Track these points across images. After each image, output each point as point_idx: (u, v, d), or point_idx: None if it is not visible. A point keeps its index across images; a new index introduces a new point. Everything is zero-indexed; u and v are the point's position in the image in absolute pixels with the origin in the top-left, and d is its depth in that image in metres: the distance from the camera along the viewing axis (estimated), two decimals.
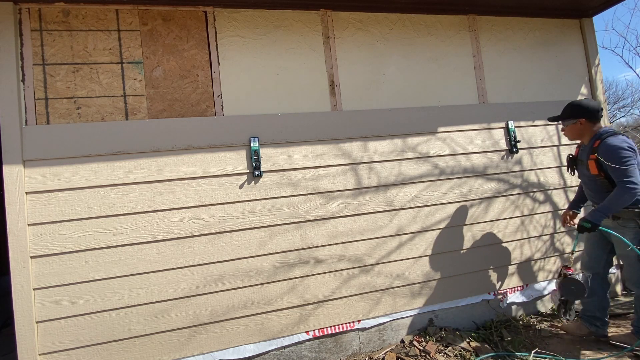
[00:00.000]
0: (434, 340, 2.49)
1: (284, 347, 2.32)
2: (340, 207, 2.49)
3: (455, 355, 2.34)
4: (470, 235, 2.76)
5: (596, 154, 2.14)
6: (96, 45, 2.20)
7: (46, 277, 1.99)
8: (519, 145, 2.93)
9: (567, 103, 2.31)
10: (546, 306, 2.99)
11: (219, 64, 2.38)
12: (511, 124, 2.92)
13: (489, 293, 2.79)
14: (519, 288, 2.88)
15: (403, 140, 2.66)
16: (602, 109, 2.30)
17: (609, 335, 2.42)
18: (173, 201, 2.19)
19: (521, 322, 2.75)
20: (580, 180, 2.44)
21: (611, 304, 2.97)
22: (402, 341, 2.54)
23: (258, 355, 2.27)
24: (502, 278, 2.84)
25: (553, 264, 2.99)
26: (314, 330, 2.38)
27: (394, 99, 2.72)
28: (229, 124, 2.33)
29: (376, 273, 2.52)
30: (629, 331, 2.35)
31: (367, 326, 2.49)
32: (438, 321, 2.66)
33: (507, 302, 2.84)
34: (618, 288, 3.21)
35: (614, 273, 3.20)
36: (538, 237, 2.95)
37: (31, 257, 1.97)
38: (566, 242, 3.04)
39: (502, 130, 2.92)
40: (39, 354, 1.95)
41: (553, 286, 2.97)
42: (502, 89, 3.01)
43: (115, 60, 2.22)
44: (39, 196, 2.01)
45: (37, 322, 1.96)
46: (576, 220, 2.50)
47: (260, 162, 2.33)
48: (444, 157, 2.75)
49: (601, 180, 2.18)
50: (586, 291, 2.19)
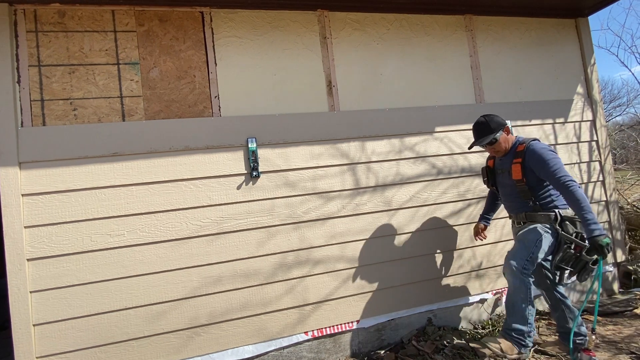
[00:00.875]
0: (433, 340, 2.49)
1: (283, 348, 2.32)
2: (338, 208, 2.49)
3: (453, 354, 2.34)
4: (468, 234, 2.77)
5: (521, 158, 2.05)
6: (92, 46, 2.19)
7: (43, 280, 1.97)
8: None
9: (477, 123, 2.21)
10: (544, 305, 2.99)
11: (216, 65, 2.37)
12: (508, 124, 2.92)
13: (487, 292, 2.80)
14: None
15: (400, 140, 2.67)
16: None
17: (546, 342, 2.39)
18: (170, 202, 2.18)
19: None
20: (489, 191, 2.37)
21: (608, 302, 2.99)
22: (401, 341, 2.54)
23: (257, 356, 2.26)
24: (500, 277, 2.84)
25: None
26: (313, 330, 2.37)
27: (391, 99, 2.72)
28: (227, 125, 2.32)
29: (375, 273, 2.52)
30: (557, 338, 2.29)
31: (366, 326, 2.49)
32: (437, 321, 2.67)
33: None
34: (615, 286, 3.23)
35: (611, 271, 3.22)
36: None
37: (27, 260, 1.96)
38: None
39: None
40: (36, 357, 1.94)
41: None
42: (499, 89, 3.02)
43: (111, 61, 2.21)
44: (35, 198, 1.99)
45: (34, 325, 1.95)
46: (487, 233, 2.50)
47: (257, 163, 2.33)
48: (442, 157, 2.76)
49: (522, 186, 2.06)
50: None
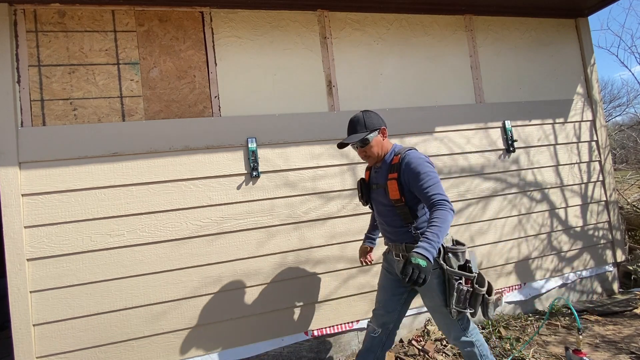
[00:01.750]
0: (433, 339, 2.49)
1: (283, 348, 2.32)
2: (338, 208, 2.49)
3: (454, 354, 2.34)
4: (467, 234, 2.77)
5: (397, 173, 1.62)
6: (92, 46, 2.18)
7: (43, 280, 1.97)
8: (516, 144, 2.94)
9: (352, 118, 1.75)
10: (544, 305, 3.00)
11: (216, 65, 2.37)
12: (508, 124, 2.93)
13: None
14: (517, 287, 2.89)
15: (401, 140, 2.67)
16: None
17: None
18: (170, 202, 2.18)
19: (519, 321, 2.76)
20: (372, 210, 1.91)
21: (608, 302, 2.99)
22: (401, 341, 2.54)
23: (257, 355, 2.26)
24: (500, 277, 2.85)
25: (550, 263, 3.00)
26: (313, 330, 2.37)
27: (391, 99, 2.72)
28: (227, 125, 2.32)
29: (375, 273, 2.52)
30: None
31: (366, 326, 2.49)
32: None
33: (505, 301, 2.85)
34: (615, 285, 3.23)
35: (611, 271, 3.22)
36: (535, 236, 2.97)
37: (27, 260, 1.96)
38: (563, 241, 3.05)
39: (499, 129, 2.93)
40: (36, 357, 1.93)
41: (552, 284, 2.99)
42: (499, 89, 3.02)
43: (111, 61, 2.21)
44: (35, 198, 1.99)
45: (34, 325, 1.95)
46: (373, 256, 2.06)
47: (257, 163, 2.33)
48: (442, 157, 2.76)
49: (401, 207, 1.63)
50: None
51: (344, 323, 2.44)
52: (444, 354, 2.34)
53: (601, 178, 3.24)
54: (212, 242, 2.23)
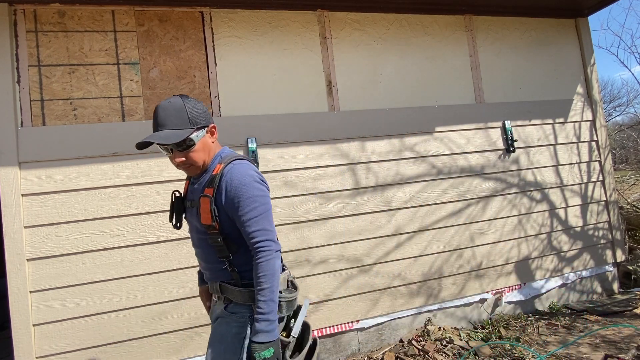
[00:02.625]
0: (433, 339, 2.49)
1: None
2: (338, 208, 2.49)
3: (454, 354, 2.34)
4: (468, 234, 2.77)
5: (213, 188, 1.17)
6: (92, 46, 2.18)
7: (43, 280, 1.97)
8: (516, 144, 2.94)
9: (164, 105, 1.18)
10: (544, 304, 3.00)
11: (216, 65, 2.37)
12: (508, 124, 2.93)
13: (487, 292, 2.80)
14: (517, 287, 2.89)
15: (400, 140, 2.67)
16: None
17: None
18: None
19: (519, 321, 2.76)
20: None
21: (607, 302, 2.99)
22: (401, 341, 2.54)
23: None
24: (500, 277, 2.85)
25: (550, 263, 3.00)
26: (313, 330, 2.37)
27: (391, 99, 2.72)
28: (226, 125, 2.32)
29: (375, 273, 2.52)
30: None
31: (366, 326, 2.49)
32: (436, 320, 2.67)
33: (505, 301, 2.85)
34: (615, 285, 3.23)
35: (611, 271, 3.22)
36: (535, 236, 2.97)
37: (27, 260, 1.96)
38: (563, 241, 3.05)
39: (499, 129, 2.93)
40: (36, 357, 1.93)
41: (552, 284, 2.99)
42: (499, 89, 3.02)
43: (111, 61, 2.21)
44: (35, 198, 1.99)
45: (34, 325, 1.95)
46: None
47: (257, 163, 2.32)
48: (442, 157, 2.76)
49: (214, 237, 1.17)
50: None
51: (344, 323, 2.44)
52: (444, 354, 2.34)
53: (601, 178, 3.24)
54: None
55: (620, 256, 3.23)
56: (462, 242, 2.76)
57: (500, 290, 2.84)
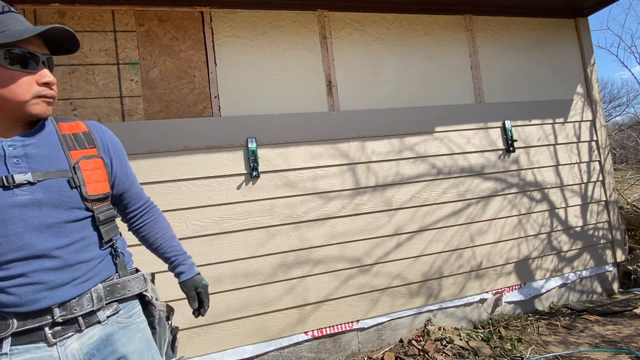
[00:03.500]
0: (433, 339, 2.49)
1: (283, 348, 2.32)
2: (338, 208, 2.49)
3: (454, 354, 2.34)
4: (468, 234, 2.77)
5: (96, 148, 0.99)
6: (92, 46, 2.18)
7: None
8: (516, 144, 2.94)
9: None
10: (544, 304, 3.00)
11: (216, 65, 2.37)
12: (508, 124, 2.93)
13: (487, 292, 2.80)
14: (517, 287, 2.89)
15: (400, 140, 2.67)
16: None
17: None
18: (170, 202, 2.18)
19: (519, 321, 2.76)
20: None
21: (607, 302, 2.99)
22: (401, 341, 2.54)
23: (257, 356, 2.26)
24: (500, 277, 2.85)
25: (550, 262, 3.00)
26: (313, 330, 2.37)
27: (391, 99, 2.72)
28: (226, 125, 2.32)
29: (375, 273, 2.52)
30: None
31: (366, 326, 2.49)
32: (436, 320, 2.67)
33: (505, 301, 2.85)
34: (615, 285, 3.23)
35: (611, 271, 3.22)
36: (535, 236, 2.97)
37: None
38: (563, 241, 3.05)
39: (499, 129, 2.93)
40: None
41: (552, 284, 2.99)
42: (499, 89, 3.02)
43: (111, 61, 2.21)
44: None
45: None
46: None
47: (257, 163, 2.33)
48: (442, 157, 2.76)
49: (105, 211, 0.98)
50: None
51: (344, 323, 2.44)
52: (444, 354, 2.34)
53: (601, 178, 3.24)
54: (212, 242, 2.23)
55: (620, 256, 3.23)
56: (462, 242, 2.76)
57: (500, 290, 2.84)
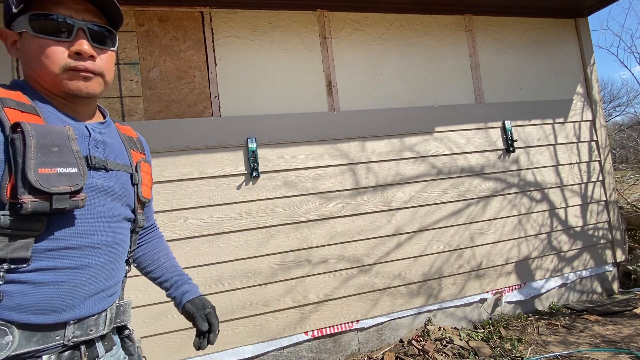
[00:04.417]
0: (433, 339, 2.49)
1: (283, 348, 2.32)
2: (338, 208, 2.49)
3: (454, 354, 2.34)
4: (468, 234, 2.77)
5: (145, 154, 0.98)
6: None
7: None
8: (516, 144, 2.94)
9: None
10: (544, 304, 3.00)
11: (216, 65, 2.37)
12: (508, 124, 2.93)
13: (487, 292, 2.80)
14: (517, 287, 2.89)
15: (400, 140, 2.67)
16: None
17: None
18: (170, 202, 2.18)
19: (519, 321, 2.76)
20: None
21: (607, 302, 2.99)
22: (401, 340, 2.54)
23: (257, 356, 2.26)
24: (500, 277, 2.85)
25: (550, 262, 3.00)
26: (313, 330, 2.37)
27: (391, 99, 2.72)
28: (226, 125, 2.32)
29: (375, 273, 2.53)
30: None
31: (366, 326, 2.49)
32: (436, 320, 2.67)
33: (505, 301, 2.85)
34: (615, 285, 3.24)
35: (611, 271, 3.22)
36: (535, 236, 2.97)
37: None
38: (563, 241, 3.05)
39: (499, 129, 2.93)
40: None
41: (552, 284, 2.99)
42: (499, 89, 3.03)
43: None
44: None
45: None
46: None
47: (257, 163, 2.33)
48: (442, 157, 2.76)
49: (140, 219, 0.93)
50: None
51: (344, 323, 2.44)
52: (444, 354, 2.34)
53: (601, 178, 3.24)
54: (212, 242, 2.23)
55: (620, 256, 3.23)
56: (462, 242, 2.76)
57: (500, 290, 2.84)
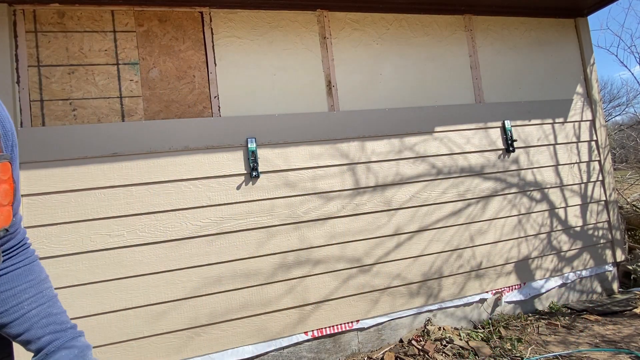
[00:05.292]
0: (433, 339, 2.49)
1: (283, 348, 2.32)
2: (338, 208, 2.49)
3: (453, 354, 2.34)
4: (467, 234, 2.77)
5: (10, 164, 0.71)
6: (92, 46, 2.18)
7: None
8: (516, 144, 2.94)
9: None
10: (544, 304, 3.00)
11: (216, 65, 2.37)
12: (508, 123, 2.93)
13: (487, 292, 2.80)
14: (517, 287, 2.89)
15: (400, 140, 2.67)
16: None
17: None
18: (170, 203, 2.18)
19: (519, 321, 2.76)
20: None
21: (607, 302, 2.99)
22: (401, 341, 2.54)
23: (257, 356, 2.26)
24: (500, 277, 2.85)
25: (550, 262, 3.00)
26: (313, 330, 2.37)
27: (391, 99, 2.72)
28: (226, 125, 2.32)
29: (375, 273, 2.52)
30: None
31: (366, 326, 2.49)
32: (436, 320, 2.67)
33: (505, 301, 2.85)
34: (615, 285, 3.24)
35: (611, 271, 3.22)
36: (535, 236, 2.97)
37: None
38: (563, 241, 3.05)
39: (499, 129, 2.93)
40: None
41: (552, 284, 2.99)
42: (499, 89, 3.03)
43: (111, 61, 2.21)
44: (35, 199, 1.99)
45: None
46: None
47: (257, 163, 2.32)
48: (441, 157, 2.76)
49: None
50: None
51: (344, 323, 2.44)
52: (444, 354, 2.34)
53: (601, 178, 3.24)
54: (212, 242, 2.23)
55: (620, 256, 3.23)
56: (462, 242, 2.76)
57: (500, 290, 2.84)
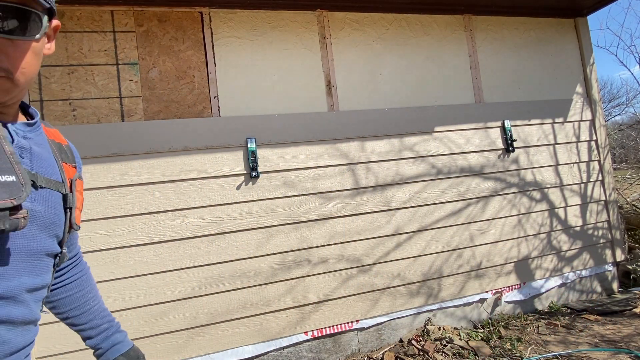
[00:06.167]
0: (433, 339, 2.50)
1: (283, 348, 2.32)
2: (338, 208, 2.49)
3: (453, 354, 2.34)
4: (467, 234, 2.77)
5: (76, 168, 0.78)
6: (91, 46, 2.18)
7: None
8: (515, 144, 2.94)
9: None
10: (544, 304, 3.00)
11: (215, 65, 2.37)
12: (507, 123, 2.93)
13: (487, 292, 2.80)
14: (517, 286, 2.89)
15: (400, 140, 2.67)
16: None
17: None
18: (170, 203, 2.18)
19: (519, 321, 2.77)
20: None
21: (607, 301, 2.99)
22: (401, 340, 2.54)
23: (257, 356, 2.26)
24: (500, 277, 2.85)
25: (550, 262, 3.00)
26: (313, 330, 2.37)
27: (391, 99, 2.72)
28: (226, 125, 2.32)
29: (374, 273, 2.53)
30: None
31: (366, 326, 2.49)
32: (436, 320, 2.67)
33: (505, 301, 2.85)
34: (614, 285, 3.24)
35: (610, 270, 3.23)
36: (535, 236, 2.97)
37: None
38: (563, 241, 3.05)
39: (499, 129, 2.93)
40: (37, 358, 1.93)
41: (551, 284, 2.99)
42: (498, 88, 3.03)
43: (110, 61, 2.21)
44: None
45: None
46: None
47: (257, 163, 2.32)
48: (441, 157, 2.76)
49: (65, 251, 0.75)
50: None
51: (344, 323, 2.44)
52: (444, 354, 2.34)
53: (600, 177, 3.24)
54: (212, 243, 2.23)
55: (619, 256, 3.23)
56: (462, 242, 2.76)
57: (500, 289, 2.84)
